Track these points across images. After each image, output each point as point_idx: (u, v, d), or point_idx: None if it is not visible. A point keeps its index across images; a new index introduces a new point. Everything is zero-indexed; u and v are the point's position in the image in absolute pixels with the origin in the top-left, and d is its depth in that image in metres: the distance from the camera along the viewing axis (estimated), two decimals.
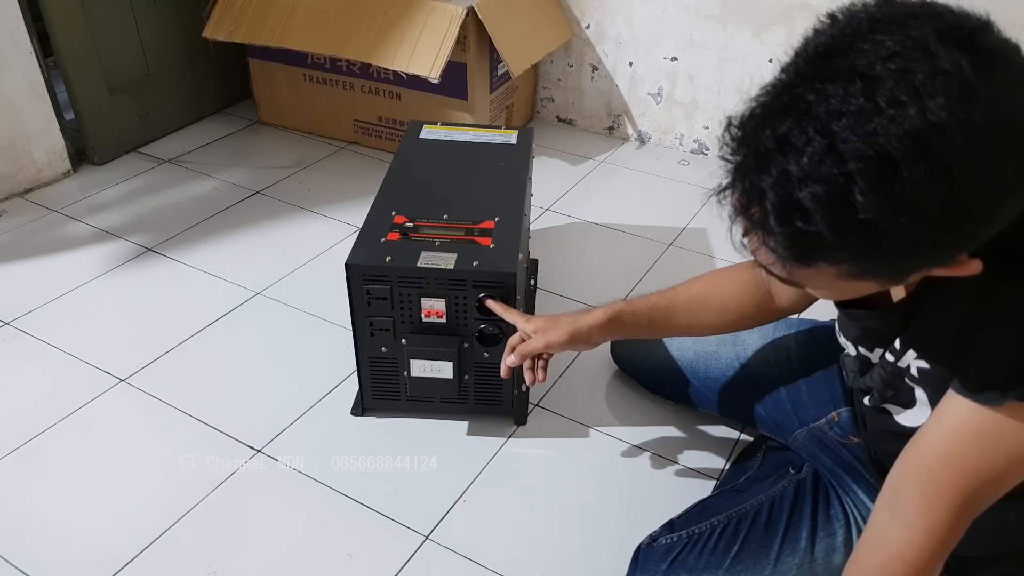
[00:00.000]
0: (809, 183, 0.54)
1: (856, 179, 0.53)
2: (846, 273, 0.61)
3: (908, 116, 0.52)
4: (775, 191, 0.56)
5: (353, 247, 1.19)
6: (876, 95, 0.53)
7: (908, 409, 0.83)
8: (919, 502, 0.71)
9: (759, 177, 0.57)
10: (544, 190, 1.96)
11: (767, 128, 0.56)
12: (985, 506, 0.70)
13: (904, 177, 0.52)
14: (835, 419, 1.05)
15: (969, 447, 0.68)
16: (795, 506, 0.98)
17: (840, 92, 0.54)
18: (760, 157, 0.57)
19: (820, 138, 0.54)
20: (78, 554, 1.10)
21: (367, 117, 2.16)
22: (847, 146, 0.53)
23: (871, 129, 0.52)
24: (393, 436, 1.29)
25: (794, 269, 0.62)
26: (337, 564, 1.09)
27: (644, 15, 2.09)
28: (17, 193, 1.93)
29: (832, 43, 0.57)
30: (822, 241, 0.56)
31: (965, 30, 0.55)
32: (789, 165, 0.55)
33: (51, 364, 1.42)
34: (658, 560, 0.96)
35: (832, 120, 0.53)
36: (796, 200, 0.55)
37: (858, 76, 0.54)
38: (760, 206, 0.57)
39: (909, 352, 0.77)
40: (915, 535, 0.71)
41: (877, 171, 0.52)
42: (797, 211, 0.55)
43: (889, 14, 0.57)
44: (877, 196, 0.53)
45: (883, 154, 0.52)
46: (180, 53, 2.20)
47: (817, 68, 0.56)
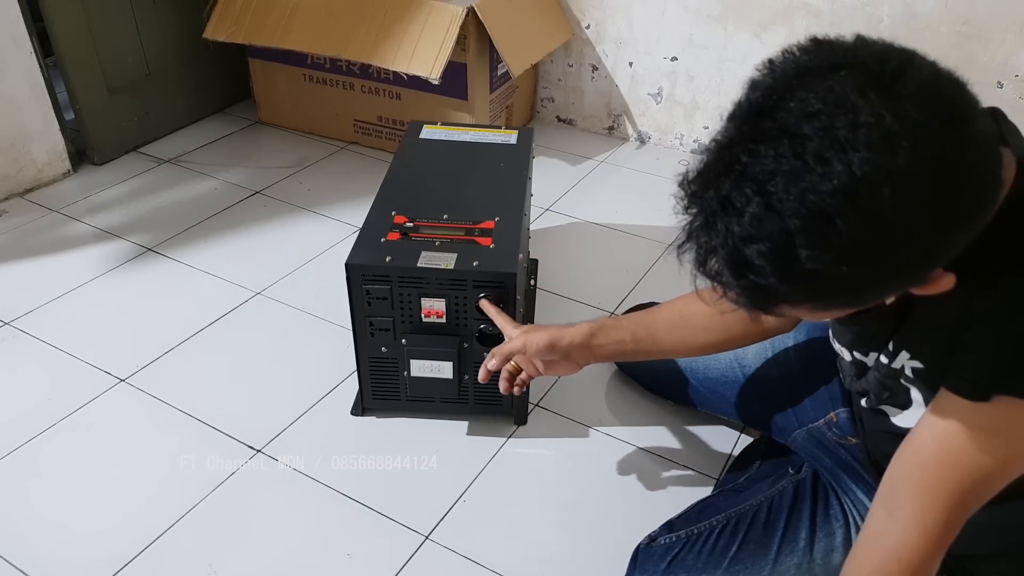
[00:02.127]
0: (754, 241, 0.57)
1: (796, 235, 0.55)
2: (814, 309, 0.64)
3: (836, 172, 0.54)
4: (724, 249, 0.59)
5: (353, 247, 1.19)
6: (804, 154, 0.55)
7: (904, 410, 0.83)
8: (913, 500, 0.71)
9: (709, 236, 0.60)
10: (544, 190, 1.96)
11: (711, 188, 0.59)
12: (980, 503, 0.71)
13: (840, 230, 0.55)
14: (834, 420, 1.05)
15: (960, 444, 0.69)
16: (794, 506, 0.98)
17: (772, 153, 0.56)
18: (708, 217, 0.60)
19: (758, 198, 0.56)
20: (78, 554, 1.10)
21: (367, 117, 2.16)
22: (783, 205, 0.55)
23: (803, 187, 0.55)
24: (393, 436, 1.29)
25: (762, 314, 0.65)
26: (337, 564, 1.09)
27: (644, 15, 2.09)
28: (17, 193, 1.93)
29: (764, 100, 0.59)
30: (777, 290, 0.59)
31: (886, 77, 0.56)
32: (733, 226, 0.58)
33: (51, 364, 1.42)
34: (657, 560, 0.96)
35: (767, 181, 0.56)
36: (744, 257, 0.58)
37: (787, 136, 0.56)
38: (715, 262, 0.61)
39: (902, 353, 0.77)
40: (910, 534, 0.71)
41: (814, 226, 0.55)
42: (747, 266, 0.58)
43: (816, 65, 0.59)
44: (818, 249, 0.55)
45: (817, 210, 0.55)
46: (180, 53, 2.20)
47: (751, 128, 0.59)
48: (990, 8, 1.73)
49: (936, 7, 1.76)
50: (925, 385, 0.77)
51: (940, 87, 0.58)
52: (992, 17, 1.74)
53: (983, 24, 1.75)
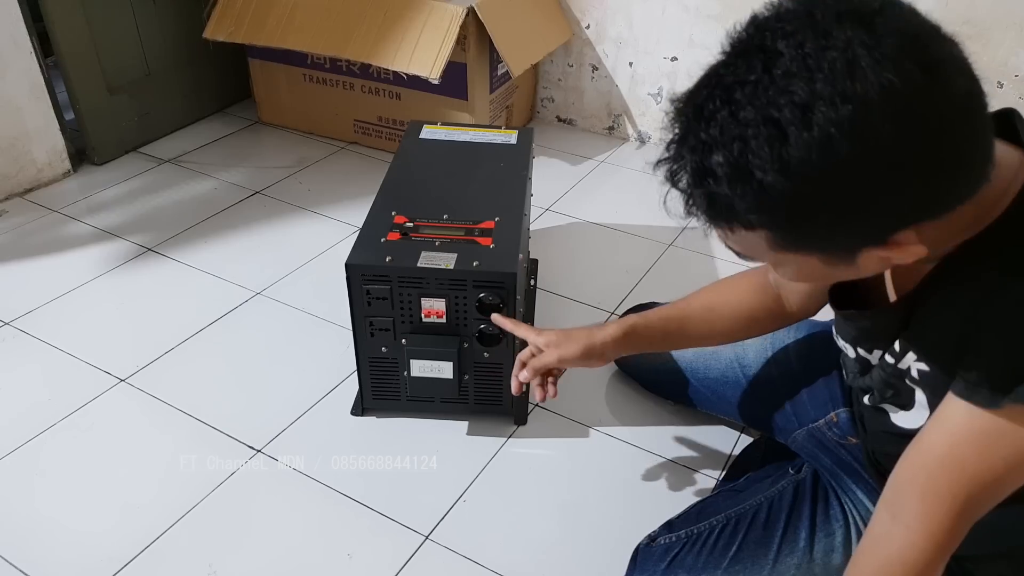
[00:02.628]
0: (716, 148, 0.59)
1: (750, 143, 0.57)
2: (771, 242, 0.64)
3: (796, 86, 0.56)
4: (692, 157, 0.62)
5: (353, 247, 1.19)
6: (773, 68, 0.57)
7: (905, 410, 0.83)
8: (919, 504, 0.71)
9: (682, 146, 0.63)
10: (544, 190, 1.96)
11: (690, 102, 0.62)
12: (986, 509, 0.70)
13: (790, 142, 0.56)
14: (834, 420, 1.05)
15: (968, 449, 0.68)
16: (794, 506, 0.98)
17: (745, 65, 0.59)
18: (684, 128, 0.63)
19: (725, 107, 0.59)
20: (78, 554, 1.10)
21: (367, 117, 2.16)
22: (744, 113, 0.58)
23: (764, 99, 0.57)
24: (393, 436, 1.29)
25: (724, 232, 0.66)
26: (337, 564, 1.09)
27: (644, 15, 2.09)
28: (17, 193, 1.93)
29: (751, 24, 0.62)
30: (732, 203, 0.60)
31: (866, 11, 0.58)
32: (701, 132, 0.60)
33: (51, 364, 1.42)
34: (656, 560, 0.96)
35: (735, 90, 0.58)
36: (707, 165, 0.60)
37: (762, 52, 0.58)
38: (683, 172, 0.63)
39: (909, 354, 0.77)
40: (915, 538, 0.71)
41: (767, 137, 0.57)
42: (708, 174, 0.60)
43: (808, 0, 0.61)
44: (767, 159, 0.57)
45: (771, 119, 0.56)
46: (180, 53, 2.20)
47: (733, 45, 0.62)
48: (990, 8, 1.73)
49: (936, 7, 1.76)
50: (930, 387, 0.77)
51: (918, 33, 0.59)
52: (992, 17, 1.74)
53: (983, 24, 1.75)
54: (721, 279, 1.11)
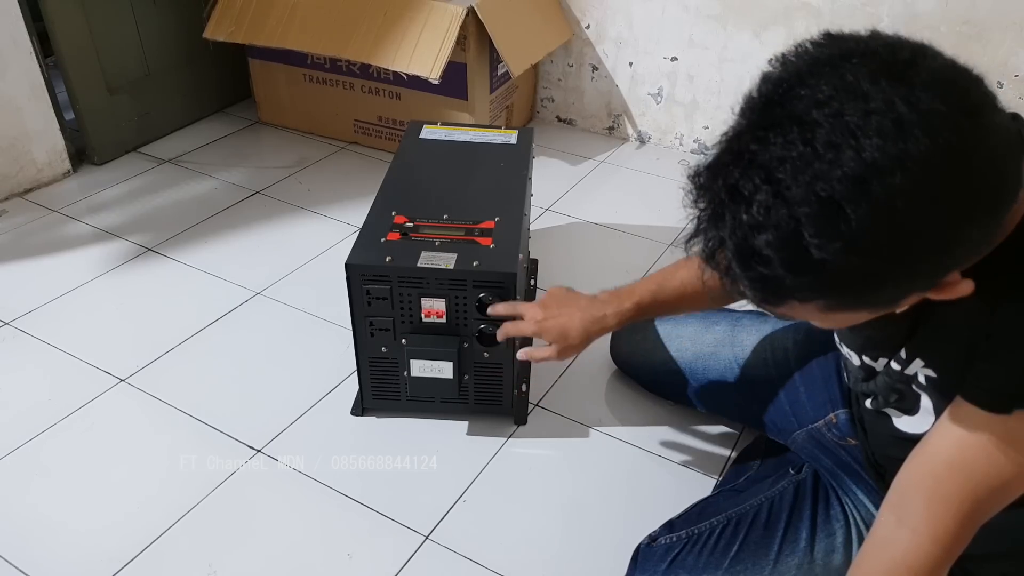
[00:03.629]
0: (762, 230, 0.56)
1: (804, 223, 0.54)
2: (826, 307, 0.62)
3: (845, 158, 0.53)
4: (733, 240, 0.58)
5: (353, 247, 1.19)
6: (814, 140, 0.54)
7: (910, 415, 0.83)
8: (925, 508, 0.70)
9: (717, 227, 0.59)
10: (544, 190, 1.96)
11: (719, 178, 0.59)
12: (992, 513, 0.70)
13: (849, 218, 0.54)
14: (833, 421, 1.05)
15: (976, 455, 0.68)
16: (795, 506, 0.98)
17: (780, 140, 0.55)
18: (716, 207, 0.59)
19: (766, 186, 0.55)
20: (78, 554, 1.10)
21: (367, 117, 2.16)
22: (792, 192, 0.55)
23: (812, 174, 0.54)
24: (393, 436, 1.29)
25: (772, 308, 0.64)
26: (337, 564, 1.09)
27: (644, 15, 2.09)
28: (17, 193, 1.93)
29: (774, 90, 0.58)
30: (784, 282, 0.58)
31: (898, 65, 0.56)
32: (741, 214, 0.57)
33: (51, 364, 1.42)
34: (657, 560, 0.96)
35: (775, 168, 0.55)
36: (752, 247, 0.57)
37: (796, 123, 0.55)
38: (723, 254, 0.60)
39: (916, 360, 0.77)
40: (920, 541, 0.70)
41: (823, 214, 0.54)
42: (756, 257, 0.57)
43: (828, 55, 0.58)
44: (826, 238, 0.54)
45: (826, 197, 0.54)
46: (180, 53, 2.20)
47: (761, 116, 0.58)
48: (990, 8, 1.73)
49: (936, 7, 1.76)
50: (938, 393, 0.76)
51: (955, 78, 0.57)
52: (992, 17, 1.74)
53: (983, 24, 1.75)
54: None
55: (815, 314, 0.64)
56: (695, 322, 1.25)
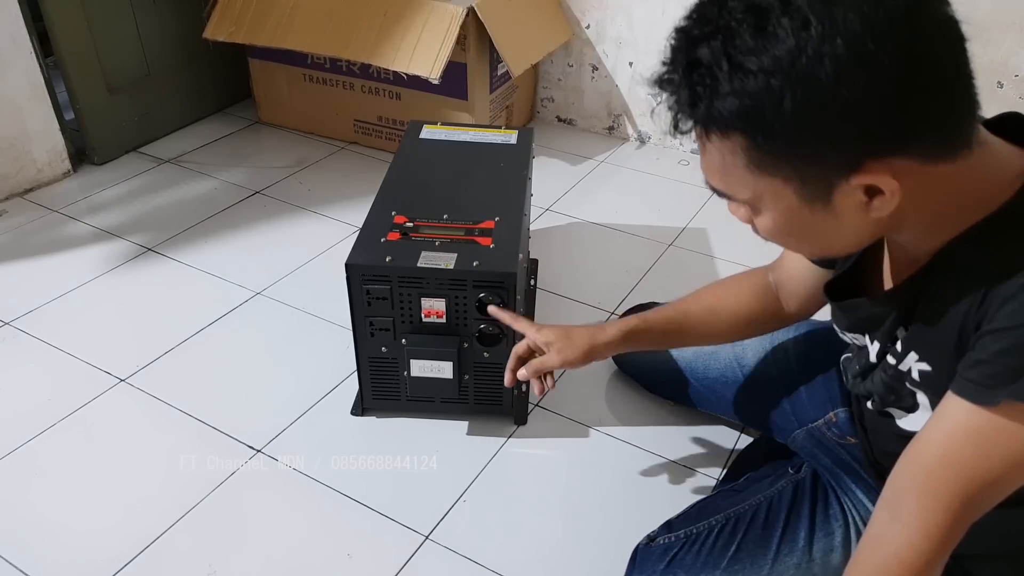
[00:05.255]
0: (704, 41, 0.61)
1: (735, 31, 0.59)
2: (747, 156, 0.64)
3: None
4: (683, 53, 0.64)
5: (353, 247, 1.19)
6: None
7: (911, 413, 0.83)
8: (917, 504, 0.71)
9: (677, 53, 0.65)
10: (544, 190, 1.96)
11: (694, 13, 0.64)
12: (985, 509, 0.70)
13: (771, 31, 0.58)
14: (833, 420, 1.05)
15: (966, 448, 0.68)
16: (793, 506, 0.98)
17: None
18: (682, 37, 0.64)
19: (716, 5, 0.61)
20: (78, 554, 1.10)
21: (367, 117, 2.16)
22: (732, 3, 0.60)
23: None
24: (393, 436, 1.29)
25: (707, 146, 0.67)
26: (337, 564, 1.09)
27: (644, 15, 2.09)
28: (17, 193, 1.93)
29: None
30: (714, 92, 0.61)
31: None
32: (693, 30, 0.62)
33: (51, 364, 1.42)
34: (656, 560, 0.96)
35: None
36: (695, 57, 0.62)
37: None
38: (676, 76, 0.65)
39: (911, 354, 0.77)
40: (913, 537, 0.71)
41: (751, 22, 0.58)
42: (695, 67, 0.62)
43: None
44: (748, 48, 0.58)
45: (755, 7, 0.59)
46: (180, 53, 2.20)
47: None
48: (990, 8, 1.73)
49: None
50: (932, 389, 0.76)
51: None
52: (992, 17, 1.74)
53: (983, 24, 1.75)
54: (721, 280, 1.12)
55: (742, 174, 0.66)
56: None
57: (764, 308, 1.06)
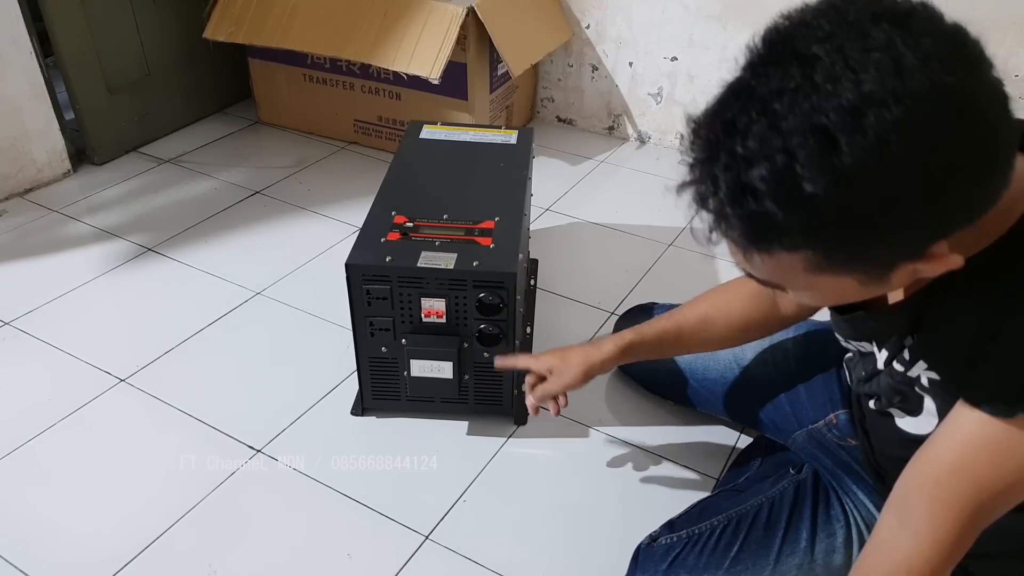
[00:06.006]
0: (755, 163, 0.55)
1: (797, 154, 0.54)
2: (812, 264, 0.61)
3: (842, 90, 0.53)
4: (726, 175, 0.57)
5: (353, 247, 1.19)
6: (813, 74, 0.54)
7: (912, 416, 0.83)
8: (927, 512, 0.70)
9: (712, 165, 0.58)
10: (544, 190, 1.96)
11: (716, 118, 0.59)
12: (995, 517, 0.70)
13: (843, 151, 0.53)
14: (833, 421, 1.05)
15: (979, 458, 0.67)
16: (795, 506, 0.98)
17: (779, 74, 0.56)
18: (711, 145, 0.58)
19: (763, 118, 0.55)
20: (78, 554, 1.10)
21: (367, 117, 2.16)
22: (787, 123, 0.54)
23: (808, 106, 0.54)
24: (393, 436, 1.29)
25: (758, 258, 0.62)
26: (337, 564, 1.09)
27: (644, 15, 2.09)
28: (17, 193, 1.93)
29: (775, 33, 0.59)
30: (775, 221, 0.57)
31: (900, 12, 0.57)
32: (736, 147, 0.56)
33: (51, 364, 1.42)
34: (658, 560, 0.96)
35: (773, 100, 0.55)
36: (745, 181, 0.56)
37: (796, 58, 0.55)
38: (716, 195, 0.59)
39: (919, 363, 0.76)
40: (922, 545, 0.70)
41: (816, 145, 0.54)
42: (747, 192, 0.56)
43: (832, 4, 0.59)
44: (818, 169, 0.54)
45: (820, 127, 0.53)
46: (180, 53, 2.20)
47: (761, 56, 0.59)
48: (990, 8, 1.73)
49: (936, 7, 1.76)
50: (940, 396, 0.76)
51: (954, 32, 0.58)
52: (992, 17, 1.74)
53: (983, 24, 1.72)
54: (717, 287, 1.11)
55: (802, 275, 0.63)
56: None
57: (760, 313, 1.05)
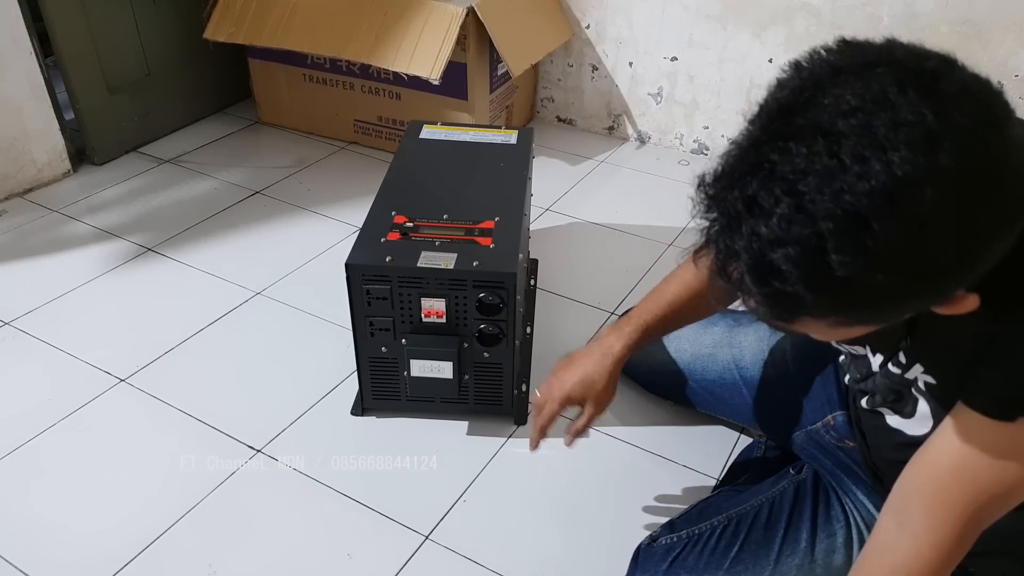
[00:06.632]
0: (781, 245, 0.53)
1: (828, 239, 0.52)
2: (836, 323, 0.60)
3: (874, 171, 0.51)
4: (748, 253, 0.55)
5: (353, 247, 1.19)
6: (840, 152, 0.52)
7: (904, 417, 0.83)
8: (926, 514, 0.70)
9: (732, 239, 0.56)
10: (544, 190, 1.96)
11: (735, 189, 0.56)
12: (995, 518, 0.70)
13: (876, 233, 0.51)
14: (831, 423, 1.05)
15: (979, 462, 0.67)
16: (795, 507, 0.98)
17: (804, 151, 0.53)
18: (731, 219, 0.56)
19: (788, 199, 0.53)
20: (78, 554, 1.10)
21: (367, 117, 2.16)
22: (816, 206, 0.52)
23: (838, 187, 0.52)
24: (393, 436, 1.29)
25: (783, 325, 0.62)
26: (337, 564, 1.09)
27: (644, 15, 2.09)
28: (17, 193, 1.93)
29: (794, 98, 0.56)
30: (802, 300, 0.55)
31: (926, 76, 0.54)
32: (759, 228, 0.54)
33: (51, 364, 1.42)
34: (658, 560, 0.96)
35: (798, 180, 0.53)
36: (770, 262, 0.54)
37: (821, 134, 0.53)
38: (736, 267, 0.57)
39: (916, 366, 0.76)
40: (921, 547, 0.70)
41: (848, 229, 0.52)
42: (772, 272, 0.55)
43: (849, 63, 0.56)
44: (851, 255, 0.52)
45: (852, 212, 0.51)
46: (180, 53, 2.20)
47: (780, 125, 0.55)
48: (990, 8, 1.73)
49: (936, 7, 1.76)
50: (937, 400, 0.76)
51: (980, 90, 0.55)
52: (992, 17, 1.74)
53: (983, 24, 1.75)
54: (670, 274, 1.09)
55: (823, 329, 0.62)
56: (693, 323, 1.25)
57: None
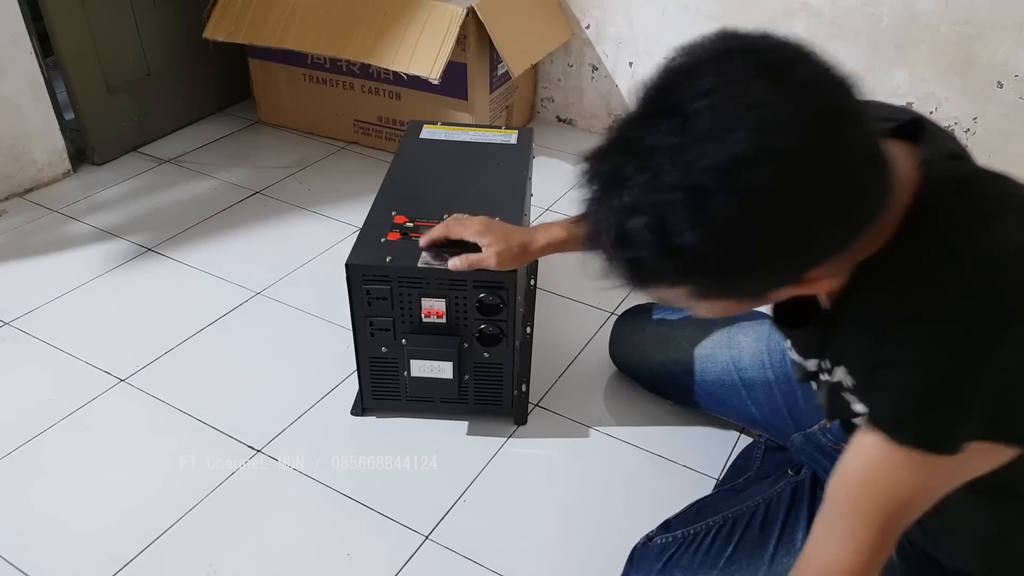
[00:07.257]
0: (635, 213, 0.59)
1: (673, 209, 0.57)
2: (694, 294, 0.65)
3: (715, 149, 0.56)
4: (610, 222, 0.61)
5: (353, 247, 1.19)
6: (691, 130, 0.57)
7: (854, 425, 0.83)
8: (846, 520, 0.72)
9: (599, 209, 0.62)
10: (544, 190, 1.96)
11: (606, 163, 0.61)
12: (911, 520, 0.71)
13: (714, 207, 0.56)
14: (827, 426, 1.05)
15: (880, 474, 0.69)
16: (792, 508, 0.98)
17: (664, 127, 0.58)
18: (600, 191, 0.62)
19: (643, 173, 0.58)
20: (78, 554, 1.10)
21: (367, 117, 2.16)
22: (666, 178, 0.57)
23: (685, 162, 0.56)
24: (393, 436, 1.29)
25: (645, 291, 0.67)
26: (337, 564, 1.09)
27: (644, 15, 2.09)
28: (17, 193, 1.93)
29: (665, 80, 0.61)
30: (652, 266, 0.61)
31: (777, 65, 0.59)
32: (621, 198, 0.59)
33: (51, 364, 1.42)
34: (653, 560, 0.96)
35: (652, 155, 0.58)
36: (626, 230, 0.59)
37: (677, 113, 0.58)
38: (604, 235, 0.62)
39: (839, 368, 0.77)
40: (845, 552, 0.72)
41: (690, 201, 0.56)
42: (627, 239, 0.60)
43: (720, 50, 0.61)
44: (690, 224, 0.57)
45: (694, 185, 0.56)
46: (180, 53, 2.20)
47: (650, 104, 0.61)
48: (990, 8, 1.73)
49: (936, 7, 1.76)
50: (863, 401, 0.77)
51: (828, 82, 0.60)
52: (992, 17, 1.74)
53: (983, 24, 1.75)
54: None
55: (685, 300, 0.67)
56: (693, 323, 1.25)
57: None
